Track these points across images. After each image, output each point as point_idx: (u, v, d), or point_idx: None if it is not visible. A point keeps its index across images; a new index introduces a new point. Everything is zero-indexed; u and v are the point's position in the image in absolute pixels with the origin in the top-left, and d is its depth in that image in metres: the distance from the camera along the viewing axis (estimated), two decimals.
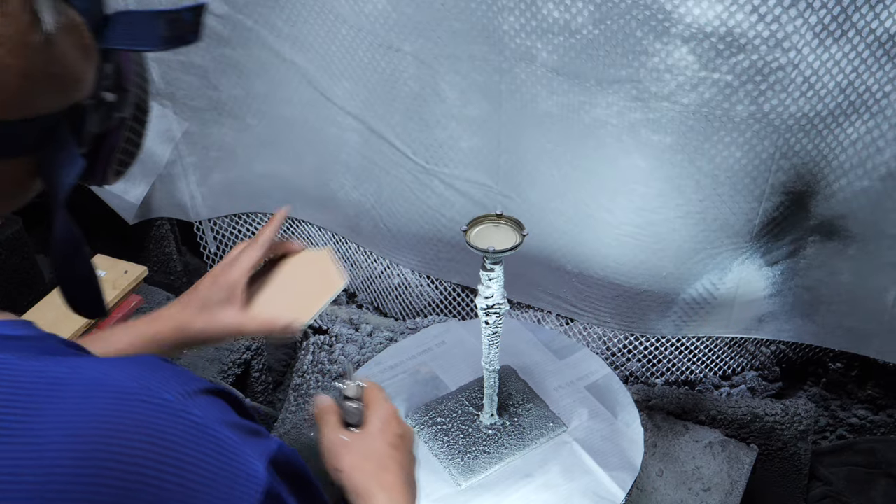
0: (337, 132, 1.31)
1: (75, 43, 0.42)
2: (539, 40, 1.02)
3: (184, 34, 0.48)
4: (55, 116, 0.42)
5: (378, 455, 0.69)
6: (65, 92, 0.43)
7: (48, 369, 0.37)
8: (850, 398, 1.35)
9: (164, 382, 0.38)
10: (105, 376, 0.37)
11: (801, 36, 0.89)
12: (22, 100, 0.40)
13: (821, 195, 1.04)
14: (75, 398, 0.36)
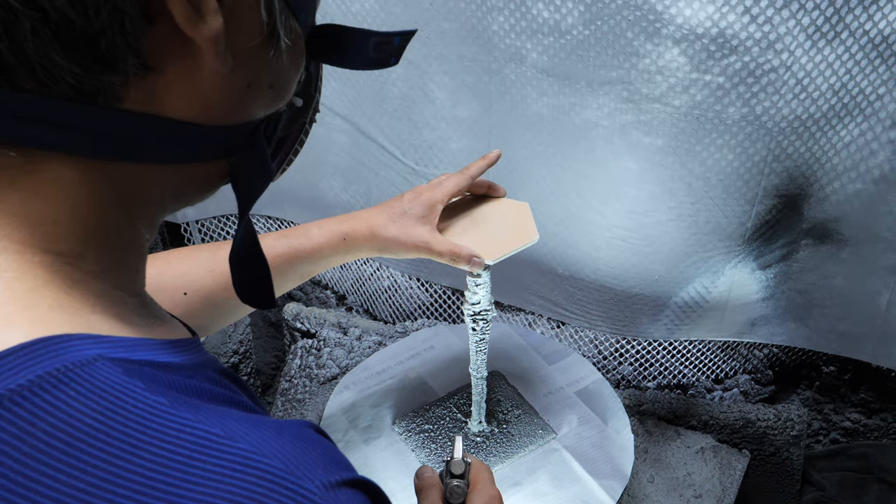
0: (325, 133, 1.29)
1: (295, 57, 0.42)
2: (529, 41, 1.01)
3: (388, 57, 0.47)
4: (257, 122, 0.42)
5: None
6: (275, 102, 0.43)
7: (198, 427, 0.32)
8: (843, 402, 1.34)
9: (310, 467, 0.34)
10: (255, 453, 0.32)
11: (794, 37, 0.88)
12: (242, 108, 0.40)
13: (814, 198, 1.03)
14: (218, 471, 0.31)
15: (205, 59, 0.36)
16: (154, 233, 0.42)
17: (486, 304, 0.86)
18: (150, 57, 0.34)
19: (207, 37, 0.34)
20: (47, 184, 0.35)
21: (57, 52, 0.32)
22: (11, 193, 0.35)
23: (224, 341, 1.42)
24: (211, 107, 0.38)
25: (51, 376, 0.30)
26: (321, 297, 1.60)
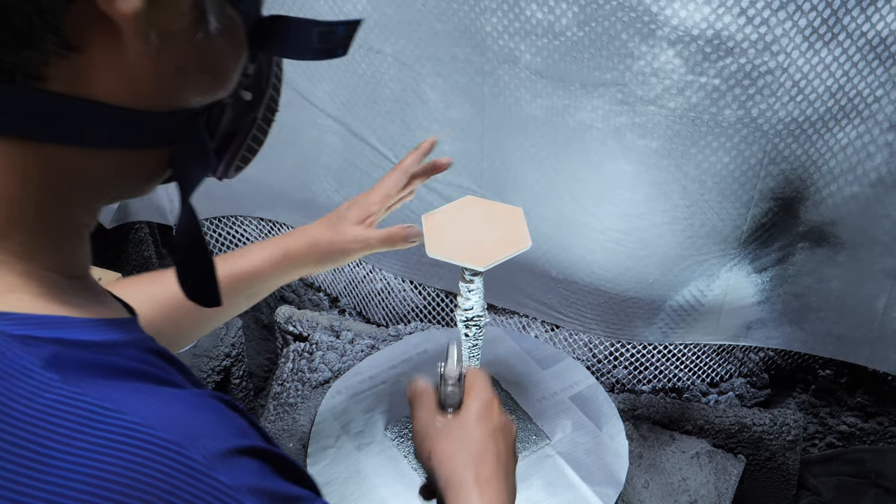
0: (317, 134, 1.28)
1: (231, 44, 0.41)
2: (522, 42, 1.00)
3: (334, 48, 0.46)
4: (196, 112, 0.42)
5: (475, 445, 0.64)
6: (213, 90, 0.42)
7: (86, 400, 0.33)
8: (839, 405, 1.33)
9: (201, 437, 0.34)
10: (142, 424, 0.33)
11: (791, 39, 0.87)
12: (173, 93, 0.40)
13: (810, 201, 1.02)
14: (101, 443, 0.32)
15: (126, 38, 0.35)
16: (94, 217, 0.42)
17: (479, 309, 0.85)
18: (70, 35, 0.34)
19: (125, 15, 0.34)
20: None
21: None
22: None
23: (216, 344, 1.41)
24: (140, 91, 0.38)
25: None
26: (314, 299, 1.59)
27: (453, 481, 0.61)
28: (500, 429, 0.68)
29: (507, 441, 0.68)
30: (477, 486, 0.61)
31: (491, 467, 0.63)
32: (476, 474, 0.62)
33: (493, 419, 0.67)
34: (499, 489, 0.62)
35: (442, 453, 0.63)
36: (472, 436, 0.64)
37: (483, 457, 0.63)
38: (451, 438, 0.65)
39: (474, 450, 0.64)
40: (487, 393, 0.69)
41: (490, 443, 0.65)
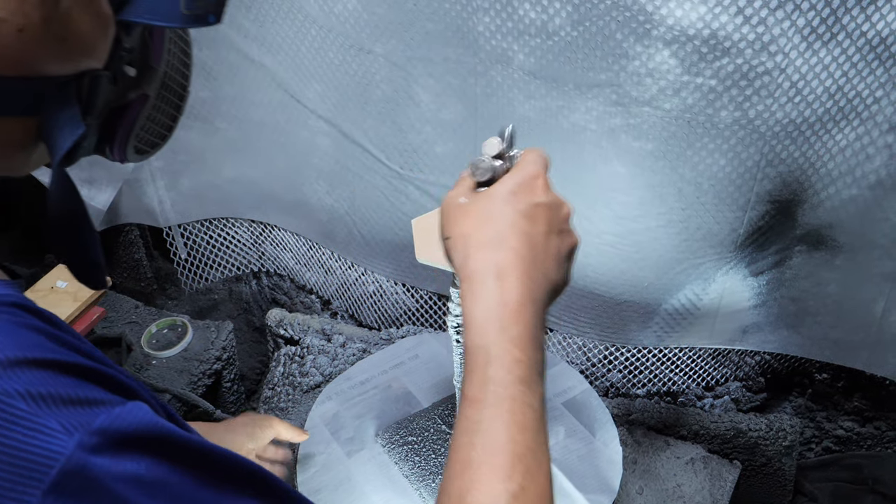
0: (308, 136, 1.26)
1: (87, 9, 0.41)
2: (515, 42, 0.98)
3: (205, 14, 0.45)
4: (60, 80, 0.41)
5: (498, 222, 0.50)
6: (71, 57, 0.42)
7: None
8: (836, 409, 1.32)
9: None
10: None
11: (789, 39, 0.85)
12: (19, 57, 0.39)
13: (808, 204, 1.01)
14: None
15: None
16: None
17: None
18: None
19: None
20: None
21: None
22: None
23: (206, 348, 1.39)
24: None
25: None
26: (306, 301, 1.57)
27: (466, 270, 0.50)
28: (544, 206, 0.52)
29: (549, 222, 0.52)
30: (495, 279, 0.48)
31: (515, 253, 0.49)
32: (496, 263, 0.49)
33: (533, 194, 0.52)
34: (526, 282, 0.48)
35: (460, 234, 0.51)
36: (499, 211, 0.51)
37: (506, 239, 0.49)
38: (474, 216, 0.52)
39: (497, 229, 0.50)
40: (535, 167, 0.54)
41: (522, 222, 0.50)
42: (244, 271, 1.60)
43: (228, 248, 1.56)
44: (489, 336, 0.48)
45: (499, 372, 0.46)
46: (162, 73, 0.48)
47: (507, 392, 0.46)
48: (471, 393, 0.47)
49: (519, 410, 0.46)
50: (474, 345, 0.48)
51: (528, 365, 0.47)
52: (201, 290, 1.63)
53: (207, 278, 1.59)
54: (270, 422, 0.95)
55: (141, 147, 0.50)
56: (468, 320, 0.49)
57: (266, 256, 1.57)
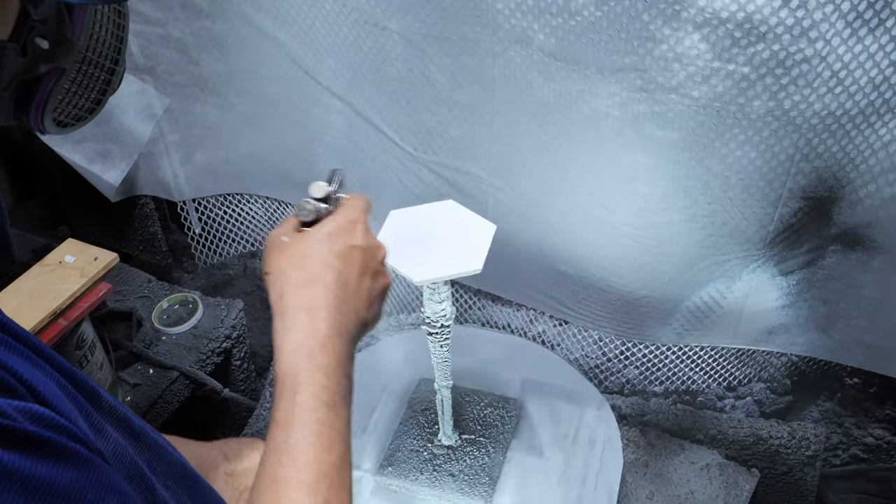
0: (322, 113, 1.22)
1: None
2: (536, 21, 0.92)
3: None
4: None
5: (313, 261, 0.53)
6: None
7: None
8: (866, 416, 1.25)
9: None
10: None
11: (831, 24, 0.78)
12: None
13: (845, 202, 0.94)
14: None
15: None
16: None
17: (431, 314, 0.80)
18: None
19: None
20: None
21: None
22: None
23: (216, 325, 1.38)
24: None
25: None
26: None
27: (280, 304, 0.52)
28: (360, 248, 0.56)
29: (364, 264, 0.56)
30: (305, 313, 0.51)
31: (325, 290, 0.52)
32: (306, 298, 0.52)
33: (350, 237, 0.56)
34: (329, 320, 0.51)
35: (276, 269, 0.54)
36: (314, 251, 0.54)
37: (320, 276, 0.53)
38: (290, 254, 0.54)
39: (312, 267, 0.53)
40: (355, 212, 0.59)
41: (336, 262, 0.54)
42: (258, 247, 1.59)
43: (243, 223, 1.54)
44: (298, 365, 0.50)
45: (306, 397, 0.49)
46: (83, 47, 0.47)
47: (314, 415, 0.49)
48: (279, 417, 0.49)
49: (325, 432, 0.49)
50: (283, 372, 0.50)
51: (335, 391, 0.50)
52: (216, 265, 1.62)
53: (222, 253, 1.58)
54: (254, 443, 0.88)
55: (63, 119, 0.49)
56: (278, 350, 0.51)
57: None
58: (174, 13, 1.22)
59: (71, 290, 1.13)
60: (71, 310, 1.14)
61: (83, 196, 1.51)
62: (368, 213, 0.61)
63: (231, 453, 0.86)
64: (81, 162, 1.41)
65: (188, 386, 1.31)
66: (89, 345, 1.22)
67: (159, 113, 1.35)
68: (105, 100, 0.51)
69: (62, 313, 1.13)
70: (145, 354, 1.30)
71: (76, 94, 0.49)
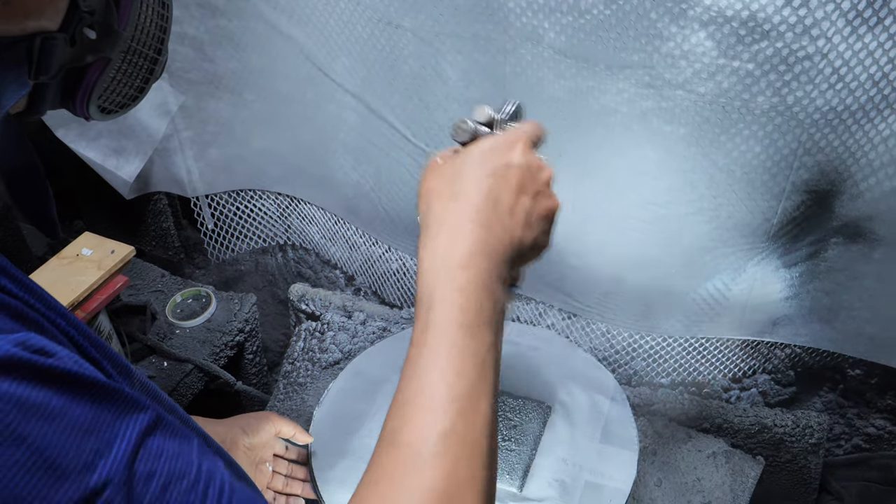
0: (336, 110, 1.25)
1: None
2: (546, 19, 0.95)
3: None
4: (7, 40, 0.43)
5: (463, 179, 0.50)
6: (14, 19, 0.43)
7: None
8: (868, 407, 1.28)
9: None
10: None
11: (832, 23, 0.81)
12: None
13: (846, 195, 0.97)
14: None
15: None
16: None
17: None
18: None
19: None
20: None
21: None
22: None
23: (229, 319, 1.40)
24: None
25: None
26: (330, 276, 1.57)
27: (424, 222, 0.50)
28: (517, 166, 0.51)
29: (521, 183, 0.51)
30: (447, 230, 0.47)
31: (475, 206, 0.48)
32: (451, 214, 0.48)
33: (507, 156, 0.51)
34: (480, 235, 0.47)
35: (427, 189, 0.52)
36: (466, 169, 0.50)
37: (466, 192, 0.49)
38: (442, 174, 0.52)
39: (460, 185, 0.49)
40: (517, 133, 0.54)
41: (487, 180, 0.50)
42: (270, 244, 1.61)
43: (255, 219, 1.57)
44: (435, 283, 0.47)
45: (440, 317, 0.46)
46: (128, 37, 0.49)
47: (447, 338, 0.46)
48: (414, 336, 0.47)
49: (457, 355, 0.45)
50: (421, 291, 0.48)
51: (475, 313, 0.46)
52: (228, 261, 1.65)
53: (234, 249, 1.60)
54: (269, 416, 0.94)
55: (107, 107, 0.51)
56: (419, 268, 0.48)
57: (292, 230, 1.57)
58: (190, 11, 1.25)
59: (88, 283, 1.16)
60: (88, 302, 1.17)
61: (96, 192, 1.54)
62: (535, 138, 0.56)
63: (249, 428, 0.90)
64: (96, 158, 1.43)
65: (202, 378, 1.34)
66: (105, 336, 1.25)
67: (174, 109, 1.38)
68: (148, 88, 0.53)
69: (80, 305, 1.16)
70: (160, 347, 1.32)
71: (121, 82, 0.50)
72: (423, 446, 0.43)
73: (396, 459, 0.44)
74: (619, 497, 0.90)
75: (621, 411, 1.00)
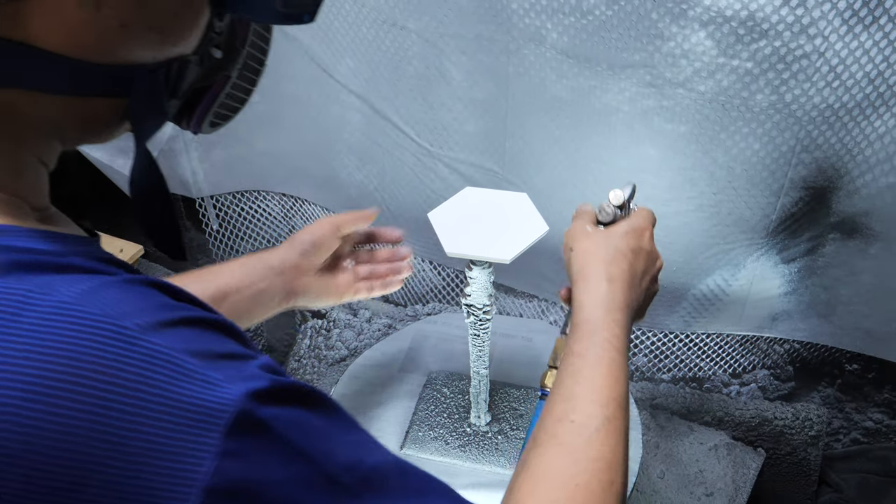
0: (340, 111, 1.27)
1: (189, 6, 0.42)
2: (549, 20, 0.97)
3: (300, 12, 0.46)
4: (150, 66, 0.42)
5: (613, 249, 0.67)
6: (163, 47, 0.42)
7: (15, 288, 0.35)
8: (865, 401, 1.30)
9: (131, 312, 0.36)
10: (70, 302, 0.35)
11: (829, 22, 0.83)
12: (118, 48, 0.40)
13: (843, 191, 0.99)
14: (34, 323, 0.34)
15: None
16: (52, 157, 0.44)
17: (478, 300, 0.83)
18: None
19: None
20: None
21: None
22: None
23: None
24: (81, 43, 0.39)
25: None
26: None
27: (584, 273, 0.65)
28: (646, 251, 0.70)
29: (646, 265, 0.70)
30: (607, 281, 0.64)
31: (622, 270, 0.65)
32: (608, 271, 0.65)
33: (640, 241, 0.70)
34: (624, 293, 0.64)
35: (582, 250, 0.67)
36: (614, 243, 0.68)
37: (618, 262, 0.66)
38: (593, 240, 0.68)
39: (612, 254, 0.67)
40: (645, 221, 0.72)
41: (629, 255, 0.67)
42: (275, 244, 1.63)
43: (260, 220, 1.58)
44: (598, 314, 0.61)
45: (601, 338, 0.60)
46: (245, 54, 0.49)
47: (607, 354, 0.59)
48: (577, 349, 0.59)
49: (616, 368, 0.58)
50: (584, 319, 0.61)
51: (622, 342, 0.61)
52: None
53: (238, 250, 1.62)
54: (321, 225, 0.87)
55: (215, 121, 0.52)
56: (580, 305, 0.63)
57: (296, 230, 1.58)
58: None
59: None
60: None
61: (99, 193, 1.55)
62: (654, 224, 0.74)
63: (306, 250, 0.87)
64: (103, 158, 1.45)
65: None
66: None
67: None
68: (250, 98, 0.53)
69: None
70: None
71: (230, 95, 0.51)
72: (591, 423, 0.54)
73: (567, 431, 0.54)
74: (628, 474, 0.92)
75: None
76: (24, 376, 0.33)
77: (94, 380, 0.33)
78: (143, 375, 0.34)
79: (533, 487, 0.52)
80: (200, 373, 0.36)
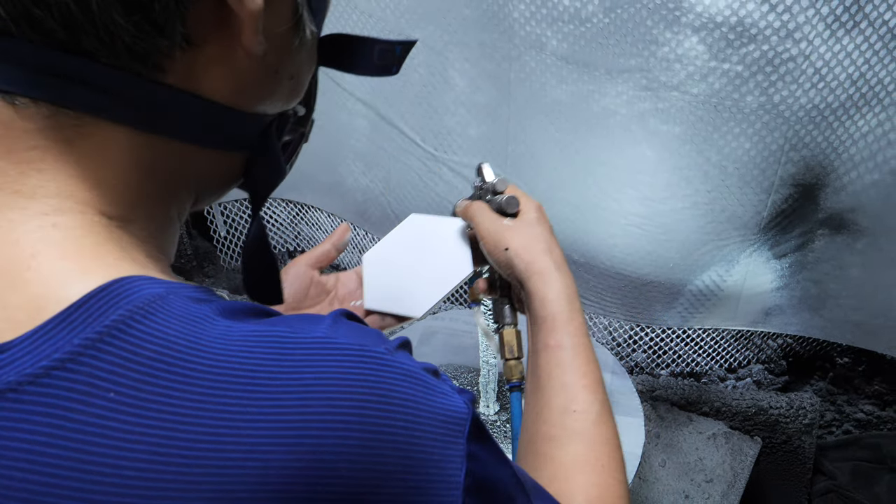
0: (346, 117, 1.31)
1: (309, 55, 0.43)
2: (549, 28, 1.02)
3: (390, 65, 0.49)
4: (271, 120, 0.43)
5: (544, 238, 0.69)
6: (291, 97, 0.44)
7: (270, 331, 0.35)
8: (856, 393, 1.34)
9: (369, 341, 0.38)
10: (326, 337, 0.36)
11: (813, 27, 0.88)
12: (267, 95, 0.41)
13: (830, 188, 1.03)
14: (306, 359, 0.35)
15: (242, 37, 0.37)
16: (184, 216, 0.44)
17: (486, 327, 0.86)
18: (193, 29, 0.36)
19: (250, 12, 0.36)
20: (98, 148, 0.37)
21: (117, 11, 0.34)
22: (69, 154, 0.37)
23: None
24: (242, 90, 0.39)
25: (140, 309, 0.33)
26: None
27: (535, 268, 0.66)
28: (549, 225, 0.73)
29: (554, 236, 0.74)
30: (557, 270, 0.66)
31: (560, 254, 0.68)
32: (553, 260, 0.67)
33: (544, 217, 0.72)
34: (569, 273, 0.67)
35: (520, 247, 0.68)
36: (539, 231, 0.70)
37: (552, 247, 0.69)
38: (523, 234, 0.69)
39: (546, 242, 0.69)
40: (534, 201, 0.73)
41: (552, 236, 0.70)
42: (280, 250, 1.66)
43: (266, 226, 1.62)
44: (563, 306, 0.64)
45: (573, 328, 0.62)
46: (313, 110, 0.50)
47: (581, 341, 0.62)
48: (552, 341, 0.62)
49: (591, 351, 0.62)
50: (551, 312, 0.63)
51: (586, 326, 0.64)
52: (238, 268, 1.70)
53: None
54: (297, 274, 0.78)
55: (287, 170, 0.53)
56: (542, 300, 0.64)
57: (302, 236, 1.62)
58: None
59: None
60: None
61: None
62: None
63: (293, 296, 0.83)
64: None
65: None
66: None
67: None
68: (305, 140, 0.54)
69: None
70: None
71: None
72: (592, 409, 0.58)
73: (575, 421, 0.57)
74: (632, 460, 0.95)
75: (622, 383, 1.06)
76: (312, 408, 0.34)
77: (374, 402, 0.35)
78: (407, 393, 0.37)
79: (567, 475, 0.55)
80: (439, 387, 0.39)
